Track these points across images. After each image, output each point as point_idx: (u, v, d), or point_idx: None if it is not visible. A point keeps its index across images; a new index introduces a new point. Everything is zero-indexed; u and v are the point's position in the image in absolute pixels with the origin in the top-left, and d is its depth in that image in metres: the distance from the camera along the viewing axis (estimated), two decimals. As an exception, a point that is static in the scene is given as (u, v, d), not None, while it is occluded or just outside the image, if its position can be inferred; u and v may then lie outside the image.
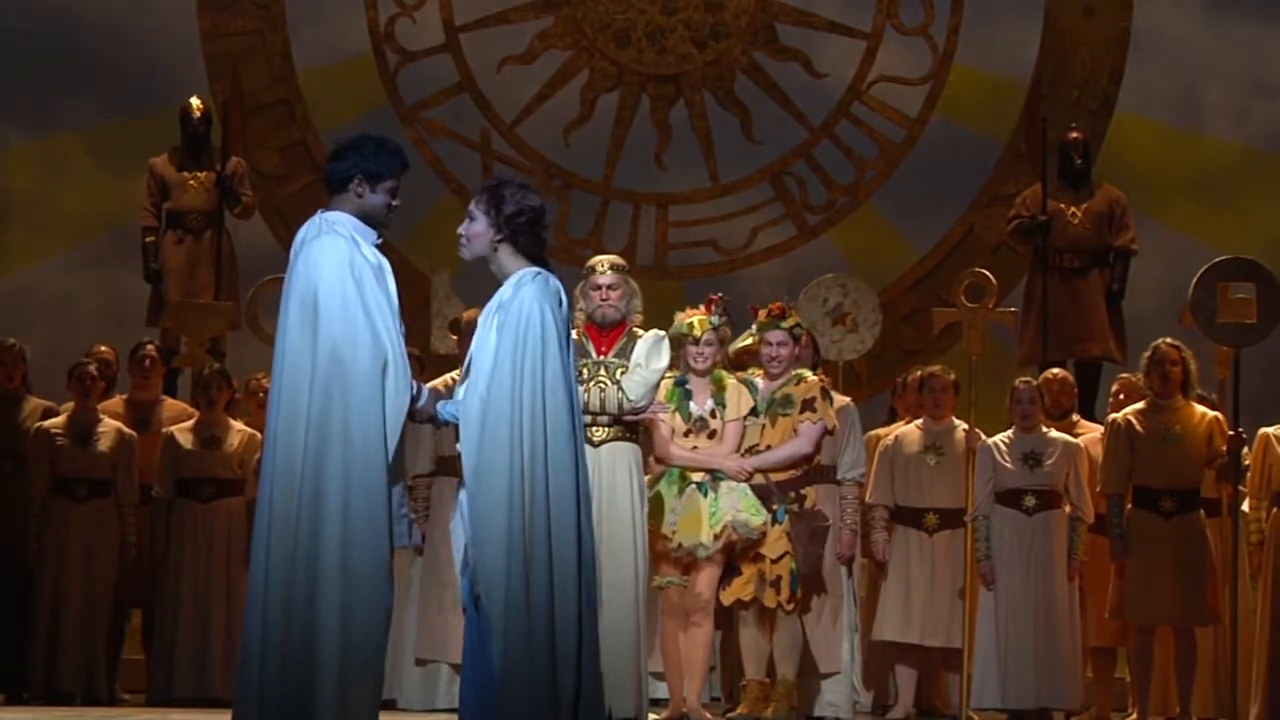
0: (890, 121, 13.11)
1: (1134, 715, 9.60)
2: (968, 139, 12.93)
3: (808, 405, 8.70)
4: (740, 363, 8.95)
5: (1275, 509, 9.74)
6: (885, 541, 9.88)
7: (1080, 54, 12.97)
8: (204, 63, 12.92)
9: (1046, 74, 12.94)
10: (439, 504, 9.64)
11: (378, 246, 6.17)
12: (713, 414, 8.45)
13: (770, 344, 8.78)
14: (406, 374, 6.05)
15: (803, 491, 8.73)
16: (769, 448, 8.62)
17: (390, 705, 9.64)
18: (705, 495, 8.44)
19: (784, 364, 8.79)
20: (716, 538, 8.41)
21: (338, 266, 6.05)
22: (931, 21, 13.13)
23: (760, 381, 8.75)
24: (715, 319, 8.50)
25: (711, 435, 8.44)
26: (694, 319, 8.47)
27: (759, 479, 8.49)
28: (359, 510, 5.94)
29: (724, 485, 8.44)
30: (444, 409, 6.17)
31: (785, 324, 8.82)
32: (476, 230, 6.24)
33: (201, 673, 9.83)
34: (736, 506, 8.42)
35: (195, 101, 11.76)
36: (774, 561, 8.55)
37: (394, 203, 6.25)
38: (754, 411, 8.58)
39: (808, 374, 8.85)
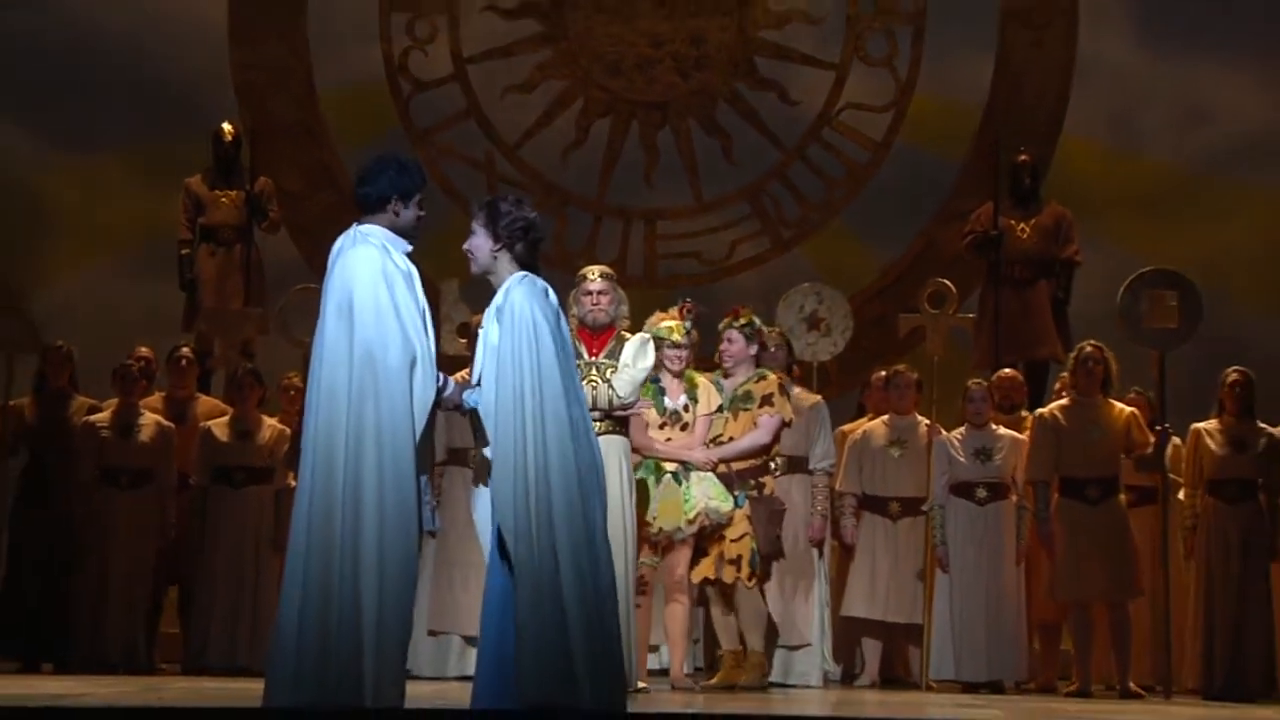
0: (857, 145, 13.12)
1: (1076, 684, 9.59)
2: (927, 160, 12.93)
3: (766, 400, 8.80)
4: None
5: (1206, 496, 9.83)
6: (853, 526, 9.93)
7: (1029, 83, 12.99)
8: (234, 90, 12.93)
9: (999, 101, 12.97)
10: (450, 491, 9.71)
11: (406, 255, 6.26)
12: (685, 409, 8.54)
13: (725, 340, 8.92)
14: (433, 370, 6.12)
15: (761, 479, 8.83)
16: (731, 439, 8.72)
17: (406, 674, 9.70)
18: (679, 484, 8.53)
19: (735, 358, 8.91)
20: (690, 522, 8.51)
21: (371, 273, 6.12)
22: (894, 54, 13.13)
23: (724, 381, 8.85)
24: (687, 324, 8.60)
25: (684, 428, 8.54)
26: (671, 324, 8.54)
27: (722, 468, 8.60)
28: (392, 498, 6.00)
29: (694, 475, 8.53)
30: (468, 397, 6.24)
31: (738, 324, 8.94)
32: (477, 243, 6.29)
33: (232, 643, 9.85)
34: (708, 494, 8.52)
35: (226, 126, 11.79)
36: (734, 541, 8.65)
37: (422, 214, 6.33)
38: (721, 408, 8.70)
39: (767, 373, 8.94)
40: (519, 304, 6.15)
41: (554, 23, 13.23)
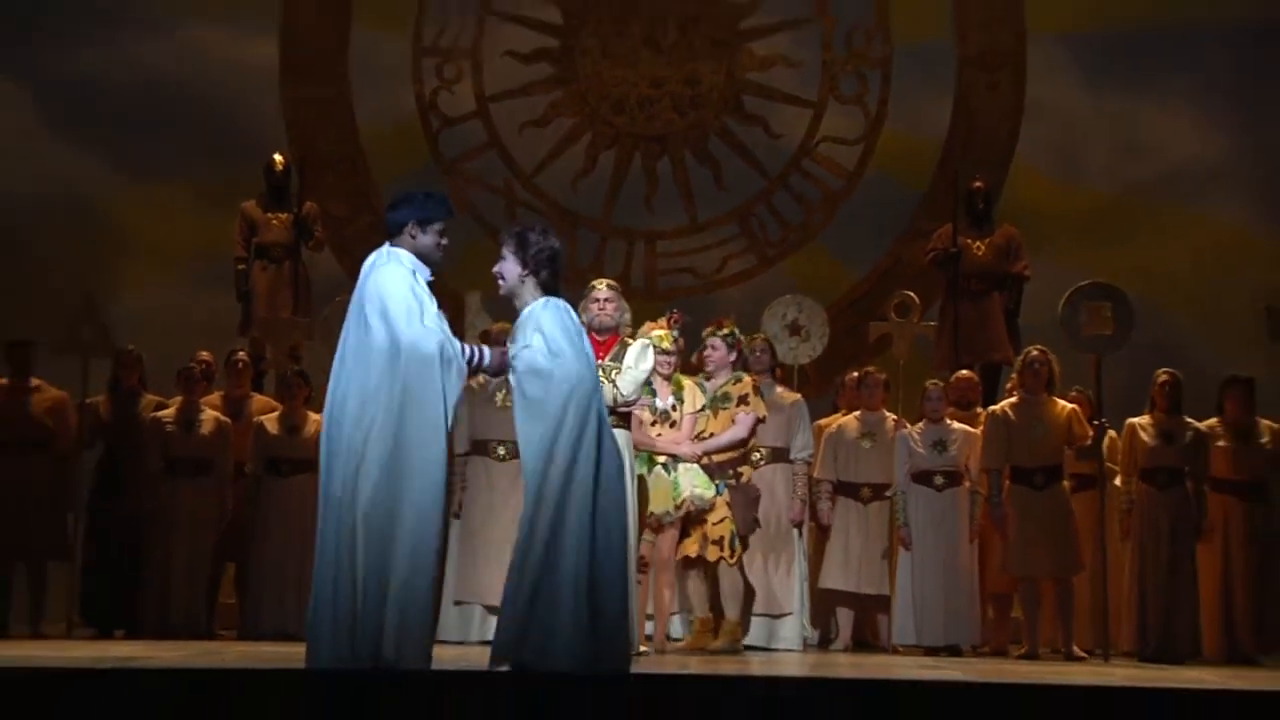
0: (832, 174, 13.14)
1: (1026, 648, 9.61)
2: (894, 187, 12.94)
3: (743, 400, 8.83)
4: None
5: (1140, 483, 9.84)
6: (829, 509, 9.94)
7: (984, 120, 13.01)
8: (285, 126, 12.96)
9: (957, 136, 12.98)
10: (473, 478, 9.73)
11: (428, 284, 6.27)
12: (673, 408, 8.56)
13: (710, 347, 8.93)
14: (461, 365, 6.13)
15: (740, 469, 8.86)
16: (713, 434, 8.74)
17: (431, 639, 9.71)
18: (669, 473, 8.55)
19: (717, 364, 8.94)
20: (678, 507, 8.53)
21: (401, 284, 6.16)
22: (865, 94, 13.15)
23: (707, 383, 8.87)
24: (675, 333, 8.61)
25: (672, 425, 8.56)
26: (660, 333, 8.55)
27: (706, 460, 8.63)
28: (424, 481, 6.04)
29: (681, 466, 8.57)
30: (512, 353, 6.21)
31: (721, 333, 8.95)
32: (507, 268, 6.29)
33: (282, 613, 9.82)
34: (694, 483, 8.56)
35: (278, 157, 11.80)
36: (715, 524, 8.68)
37: (442, 241, 6.33)
38: (703, 407, 8.72)
39: (743, 375, 8.98)
40: (545, 322, 6.17)
41: (565, 66, 13.25)
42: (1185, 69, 12.65)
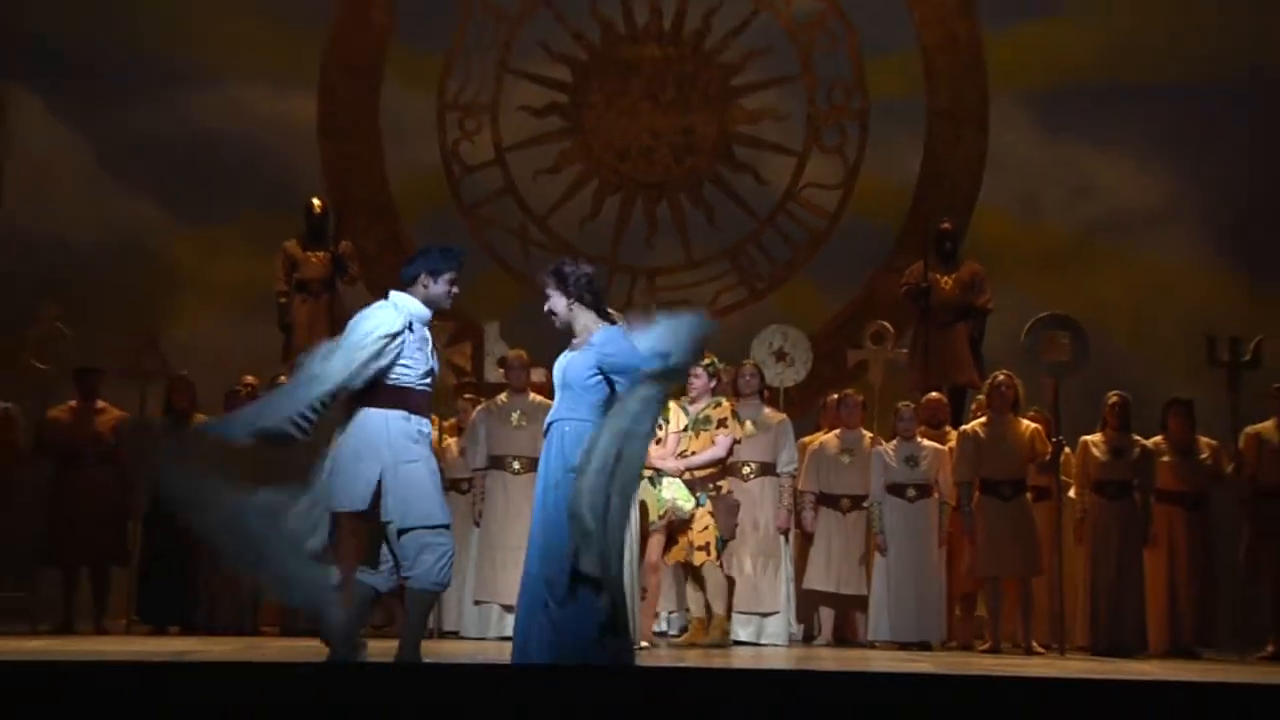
0: (815, 216, 13.14)
1: (989, 644, 9.62)
2: (871, 228, 12.93)
3: (721, 423, 8.85)
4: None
5: (1092, 494, 9.84)
6: (812, 518, 9.95)
7: (951, 167, 13.02)
8: (322, 173, 12.98)
9: (927, 181, 13.00)
10: (491, 491, 9.74)
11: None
12: (659, 427, 8.56)
13: (692, 376, 8.93)
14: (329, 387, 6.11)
15: (720, 482, 8.88)
16: (694, 453, 8.76)
17: (454, 635, 9.72)
18: (654, 486, 8.57)
19: (699, 391, 8.95)
20: (661, 517, 8.57)
21: (371, 315, 6.20)
22: (845, 144, 13.16)
23: (690, 407, 8.90)
24: None
25: (658, 442, 8.56)
26: None
27: (687, 475, 8.65)
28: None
29: (665, 480, 8.59)
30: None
31: (703, 364, 8.96)
32: (556, 303, 6.20)
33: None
34: (675, 496, 8.59)
35: (316, 201, 11.79)
36: (700, 532, 8.71)
37: (454, 290, 6.33)
38: (685, 428, 8.73)
39: (722, 400, 9.01)
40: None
41: (574, 119, 13.28)
42: (1129, 123, 12.66)
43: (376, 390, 6.16)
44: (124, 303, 11.94)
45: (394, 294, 6.30)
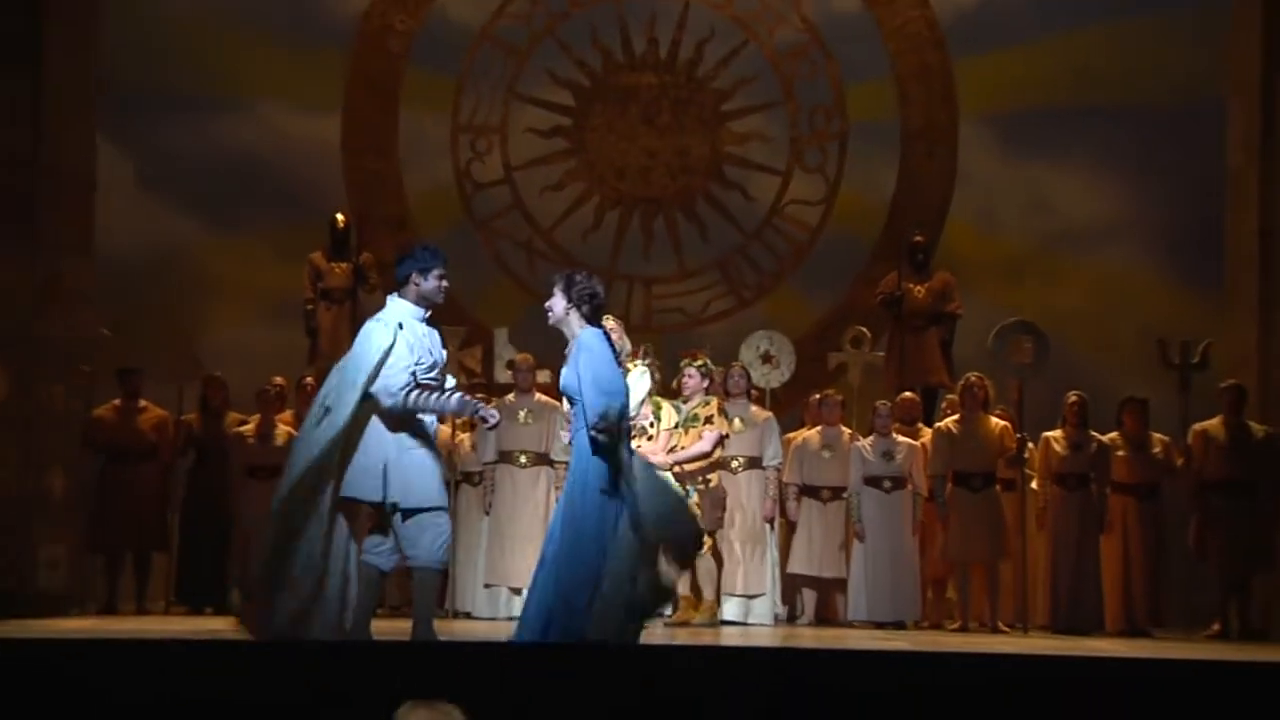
0: (798, 230, 13.11)
1: (959, 624, 9.63)
2: (849, 241, 12.89)
3: (709, 420, 8.85)
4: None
5: (1053, 486, 9.85)
6: (796, 507, 9.94)
7: (923, 185, 12.99)
8: (345, 190, 12.96)
9: (901, 198, 12.96)
10: (500, 483, 9.74)
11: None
12: (650, 424, 8.55)
13: (686, 375, 8.94)
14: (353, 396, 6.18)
15: (708, 476, 8.88)
16: (684, 448, 8.75)
17: (466, 615, 9.72)
18: None
19: (692, 390, 8.94)
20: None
21: (371, 334, 6.25)
22: (826, 163, 13.14)
23: (683, 405, 8.90)
24: (645, 362, 8.59)
25: (650, 439, 8.55)
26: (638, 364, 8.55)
27: (677, 469, 8.65)
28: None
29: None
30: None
31: (696, 364, 8.96)
32: (555, 303, 6.26)
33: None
34: None
35: (339, 216, 11.78)
36: None
37: (443, 284, 6.36)
38: (676, 425, 8.73)
39: (712, 399, 9.00)
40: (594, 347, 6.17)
41: (577, 141, 13.26)
42: (1085, 142, 12.65)
43: None
44: (163, 309, 11.91)
45: (388, 300, 6.32)
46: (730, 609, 9.41)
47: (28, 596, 9.64)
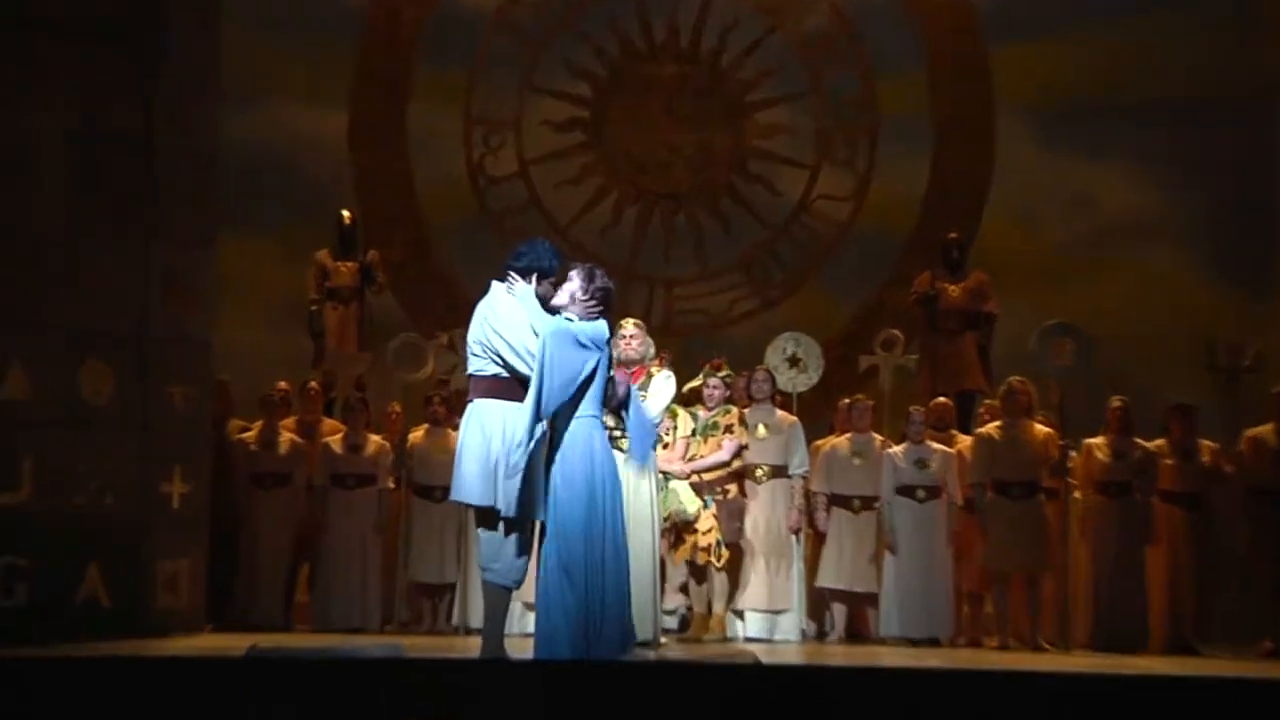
0: (826, 226, 13.09)
1: (997, 640, 9.54)
2: (880, 238, 12.89)
3: (729, 429, 8.81)
4: (689, 399, 9.08)
5: (1096, 495, 9.74)
6: (826, 518, 9.84)
7: (957, 180, 12.95)
8: (353, 187, 12.94)
9: (934, 194, 12.93)
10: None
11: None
12: (666, 432, 8.50)
13: (710, 386, 8.91)
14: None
15: (726, 486, 8.84)
16: (702, 457, 8.72)
17: (474, 630, 9.62)
18: (661, 489, 8.50)
19: (716, 400, 8.93)
20: (666, 518, 8.50)
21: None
22: (855, 158, 13.11)
23: (701, 413, 8.85)
24: (668, 371, 8.53)
25: (665, 446, 8.49)
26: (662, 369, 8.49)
27: (694, 478, 8.60)
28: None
29: (673, 482, 8.52)
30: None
31: (720, 374, 8.95)
32: (571, 285, 6.25)
33: (349, 607, 9.77)
34: (680, 499, 8.51)
35: (346, 213, 11.79)
36: (704, 534, 8.66)
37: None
38: (693, 433, 8.68)
39: (731, 408, 8.98)
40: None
41: (595, 133, 13.22)
42: (1126, 137, 12.58)
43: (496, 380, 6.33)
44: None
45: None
46: (754, 625, 9.32)
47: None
